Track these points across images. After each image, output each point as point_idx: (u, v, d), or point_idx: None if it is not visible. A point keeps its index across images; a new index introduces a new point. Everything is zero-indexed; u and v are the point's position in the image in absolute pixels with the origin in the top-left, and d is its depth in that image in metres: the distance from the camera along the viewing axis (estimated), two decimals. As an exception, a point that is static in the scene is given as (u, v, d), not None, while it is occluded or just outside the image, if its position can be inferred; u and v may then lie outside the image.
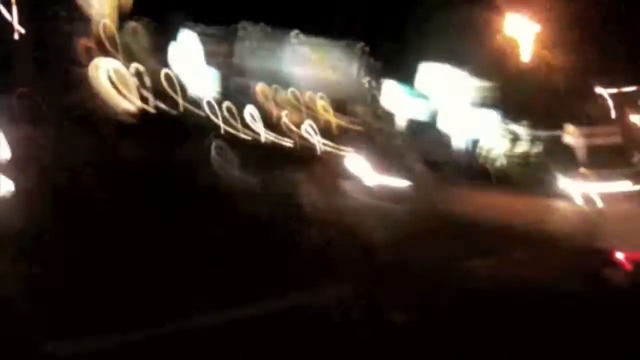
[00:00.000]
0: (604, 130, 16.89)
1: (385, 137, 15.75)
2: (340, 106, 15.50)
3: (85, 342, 4.33)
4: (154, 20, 13.22)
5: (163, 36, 13.18)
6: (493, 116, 16.17)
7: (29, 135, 8.62)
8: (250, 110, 13.99)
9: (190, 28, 13.81)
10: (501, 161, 16.34)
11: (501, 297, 5.27)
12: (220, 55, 14.50)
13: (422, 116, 15.63)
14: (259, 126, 14.06)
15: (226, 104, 13.85)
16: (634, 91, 16.22)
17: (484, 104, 15.59)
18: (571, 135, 15.91)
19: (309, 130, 14.79)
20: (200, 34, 13.75)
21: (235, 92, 14.12)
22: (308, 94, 14.97)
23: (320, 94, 15.03)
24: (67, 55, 11.24)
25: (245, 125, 13.92)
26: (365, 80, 15.54)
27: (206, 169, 11.32)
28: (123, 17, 12.08)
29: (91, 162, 8.99)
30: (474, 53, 13.78)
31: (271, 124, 14.29)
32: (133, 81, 12.11)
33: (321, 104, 14.96)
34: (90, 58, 11.44)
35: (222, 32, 14.62)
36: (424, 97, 15.48)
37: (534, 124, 16.55)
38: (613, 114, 16.20)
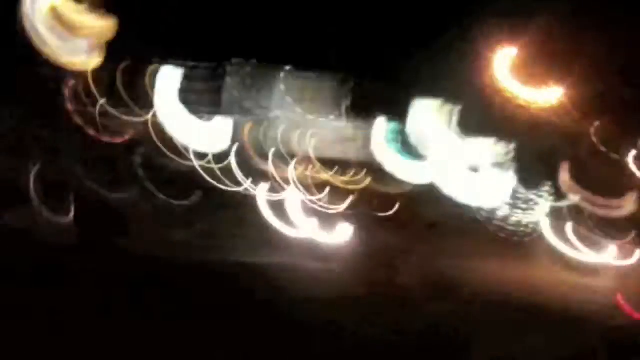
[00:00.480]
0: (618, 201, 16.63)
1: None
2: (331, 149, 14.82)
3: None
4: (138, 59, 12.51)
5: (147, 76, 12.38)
6: (505, 179, 15.55)
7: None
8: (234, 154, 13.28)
9: (177, 66, 13.04)
10: (513, 227, 15.81)
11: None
12: (208, 93, 13.75)
13: (422, 178, 14.97)
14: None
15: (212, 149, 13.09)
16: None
17: (496, 165, 15.03)
18: (587, 203, 15.54)
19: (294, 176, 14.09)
20: (187, 73, 13.01)
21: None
22: (297, 134, 14.22)
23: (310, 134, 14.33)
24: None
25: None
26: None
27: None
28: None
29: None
30: (486, 112, 13.25)
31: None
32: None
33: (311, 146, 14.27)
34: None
35: (211, 70, 13.83)
36: (424, 157, 14.88)
37: (550, 190, 16.08)
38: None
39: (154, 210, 11.04)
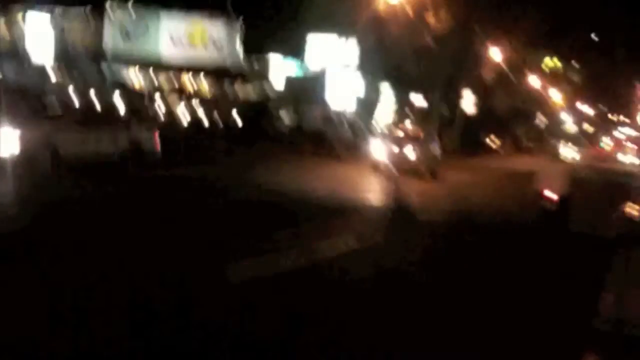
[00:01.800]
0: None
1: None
2: (219, 84, 14.52)
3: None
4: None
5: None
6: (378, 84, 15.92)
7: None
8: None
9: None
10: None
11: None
12: (85, 36, 13.01)
13: (305, 87, 14.99)
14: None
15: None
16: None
17: (363, 69, 15.23)
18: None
19: (184, 110, 13.85)
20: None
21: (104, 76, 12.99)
22: (185, 73, 13.82)
23: (197, 72, 13.91)
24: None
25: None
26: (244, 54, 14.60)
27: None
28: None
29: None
30: (356, 20, 13.27)
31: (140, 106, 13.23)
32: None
33: (198, 83, 13.98)
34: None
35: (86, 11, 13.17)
36: (306, 67, 14.92)
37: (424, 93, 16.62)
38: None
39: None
